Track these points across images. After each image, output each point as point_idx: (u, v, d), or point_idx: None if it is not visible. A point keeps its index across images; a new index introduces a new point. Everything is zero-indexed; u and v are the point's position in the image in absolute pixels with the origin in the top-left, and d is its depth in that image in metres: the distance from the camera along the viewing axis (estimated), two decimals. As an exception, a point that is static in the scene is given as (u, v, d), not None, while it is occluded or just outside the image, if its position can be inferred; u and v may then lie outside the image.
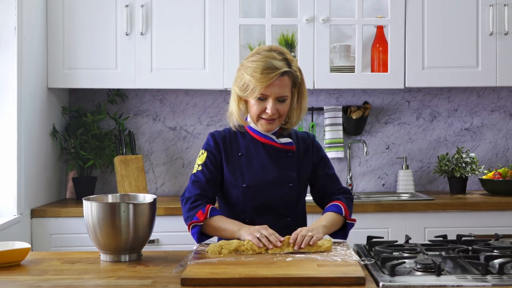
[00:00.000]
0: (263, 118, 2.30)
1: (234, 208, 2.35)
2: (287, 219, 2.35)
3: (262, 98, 2.26)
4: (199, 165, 2.35)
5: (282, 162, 2.36)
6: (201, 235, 2.27)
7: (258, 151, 2.35)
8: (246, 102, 2.33)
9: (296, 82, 2.32)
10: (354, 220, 2.39)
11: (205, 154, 2.35)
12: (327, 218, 2.30)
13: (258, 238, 2.10)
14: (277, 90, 2.25)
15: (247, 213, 2.33)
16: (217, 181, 2.35)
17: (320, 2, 3.68)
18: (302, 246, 2.08)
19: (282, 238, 2.11)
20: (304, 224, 2.43)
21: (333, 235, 2.36)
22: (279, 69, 2.23)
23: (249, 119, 2.38)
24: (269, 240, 2.09)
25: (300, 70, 2.34)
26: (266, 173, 2.33)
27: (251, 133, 2.38)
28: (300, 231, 2.14)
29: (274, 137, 2.36)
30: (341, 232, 2.37)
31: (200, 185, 2.31)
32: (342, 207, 2.34)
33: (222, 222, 2.24)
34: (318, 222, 2.26)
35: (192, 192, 2.31)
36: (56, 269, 1.99)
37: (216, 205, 2.40)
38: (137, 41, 3.66)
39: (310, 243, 2.09)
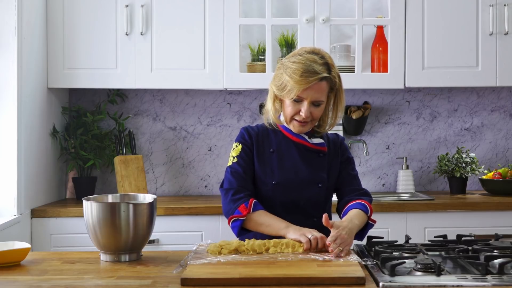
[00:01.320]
0: (296, 120, 2.30)
1: (262, 205, 2.32)
2: (314, 219, 2.34)
3: (298, 100, 2.26)
4: (234, 157, 2.34)
5: (313, 162, 2.35)
6: (241, 229, 2.26)
7: (289, 149, 2.35)
8: (281, 101, 2.33)
9: (334, 87, 2.31)
10: (375, 222, 2.37)
11: (240, 147, 2.35)
12: (358, 217, 2.26)
13: (309, 239, 2.08)
14: (314, 94, 2.24)
15: (275, 210, 2.31)
16: (252, 174, 2.35)
17: (320, 2, 3.68)
18: (332, 256, 2.03)
19: (328, 243, 2.07)
20: None
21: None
22: (319, 74, 2.22)
23: (282, 117, 2.38)
24: (317, 243, 2.08)
25: (339, 76, 2.33)
26: (296, 172, 2.33)
27: (284, 131, 2.37)
28: (339, 235, 2.08)
29: (306, 137, 2.37)
30: (359, 232, 2.31)
31: (240, 176, 2.31)
32: (368, 207, 2.32)
33: (267, 218, 2.23)
34: (352, 221, 2.21)
35: (233, 183, 2.30)
36: (56, 269, 1.99)
37: None
38: (137, 41, 3.66)
39: (342, 255, 2.03)
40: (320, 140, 2.38)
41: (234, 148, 2.37)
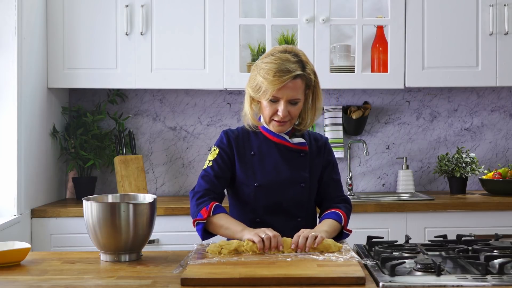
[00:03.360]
0: (274, 120, 2.30)
1: (245, 207, 2.35)
2: (297, 219, 2.35)
3: (274, 100, 2.26)
4: (210, 161, 2.35)
5: (294, 162, 2.35)
6: (205, 232, 2.27)
7: (270, 150, 2.35)
8: (259, 102, 2.33)
9: (310, 84, 2.31)
10: (350, 231, 2.38)
11: (217, 151, 2.36)
12: (329, 224, 2.29)
13: (262, 238, 2.08)
14: (289, 93, 2.24)
15: (258, 212, 2.33)
16: (226, 178, 2.35)
17: (320, 2, 3.68)
18: (306, 250, 2.07)
19: (280, 247, 2.08)
20: (314, 224, 2.42)
21: None
22: (292, 72, 2.22)
23: (262, 119, 2.39)
24: (270, 242, 2.07)
25: (314, 73, 2.32)
26: (278, 173, 2.33)
27: (264, 132, 2.37)
28: (302, 233, 2.13)
29: (287, 137, 2.36)
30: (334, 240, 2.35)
31: (209, 180, 2.32)
32: (342, 217, 2.33)
33: (226, 221, 2.23)
34: (320, 227, 2.26)
35: (202, 187, 2.31)
36: (56, 269, 1.99)
37: (226, 204, 2.40)
38: (137, 41, 3.66)
39: (315, 245, 2.08)
40: (301, 140, 2.38)
41: (211, 152, 2.38)
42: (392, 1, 3.70)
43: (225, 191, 2.41)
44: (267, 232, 2.10)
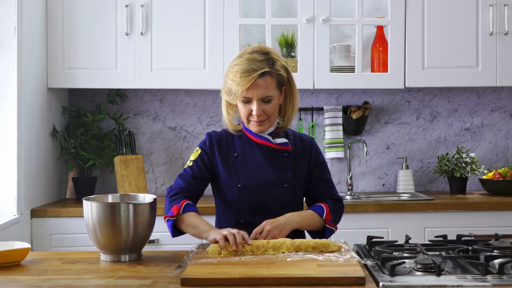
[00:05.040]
0: (252, 121, 2.32)
1: (230, 208, 2.36)
2: None
3: (247, 101, 2.28)
4: (191, 161, 2.39)
5: (278, 162, 2.36)
6: (176, 229, 2.29)
7: (253, 151, 2.36)
8: (236, 105, 2.35)
9: (282, 80, 2.32)
10: (335, 228, 2.37)
11: (199, 152, 2.39)
12: (304, 215, 2.32)
13: (225, 237, 2.08)
14: (260, 91, 2.25)
15: (243, 213, 2.34)
16: (205, 179, 2.38)
17: (320, 2, 3.68)
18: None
19: (249, 241, 2.09)
20: None
21: (310, 236, 2.38)
22: (257, 71, 2.23)
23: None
24: (235, 240, 2.07)
25: (286, 68, 2.34)
26: (261, 174, 2.34)
27: (247, 134, 2.39)
28: (265, 225, 2.21)
29: (270, 138, 2.37)
30: (318, 235, 2.37)
31: (187, 179, 2.35)
32: (325, 210, 2.34)
33: (194, 220, 2.25)
34: (292, 216, 2.28)
35: (178, 185, 2.34)
36: (56, 269, 1.99)
37: (209, 205, 2.41)
38: (137, 41, 3.66)
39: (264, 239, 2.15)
40: (283, 140, 2.38)
41: (194, 152, 2.41)
42: (392, 1, 3.70)
43: (208, 189, 2.43)
44: (231, 230, 2.10)
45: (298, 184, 2.39)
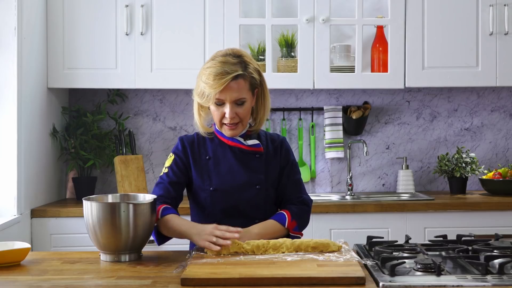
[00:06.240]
0: (224, 124, 2.31)
1: (203, 211, 2.36)
2: (255, 221, 2.33)
3: (219, 103, 2.27)
4: (166, 168, 2.39)
5: (249, 164, 2.36)
6: (160, 236, 2.30)
7: (225, 154, 2.36)
8: (209, 108, 2.34)
9: (255, 83, 2.31)
10: (300, 234, 2.36)
11: (172, 157, 2.39)
12: (263, 226, 2.29)
13: (214, 242, 2.08)
14: (233, 94, 2.25)
15: (216, 216, 2.33)
16: (182, 184, 2.38)
17: (320, 2, 3.68)
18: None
19: (237, 229, 2.10)
20: None
21: None
22: (231, 74, 2.22)
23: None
24: (226, 237, 2.08)
25: (258, 71, 2.33)
26: (233, 176, 2.34)
27: (219, 136, 2.39)
28: (215, 231, 2.13)
29: (241, 140, 2.37)
30: None
31: (164, 186, 2.34)
32: (286, 218, 2.32)
33: (173, 222, 2.24)
34: (251, 229, 2.26)
35: (155, 193, 2.34)
36: (56, 269, 1.99)
37: (185, 206, 2.41)
38: (137, 41, 3.66)
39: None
40: (255, 141, 2.38)
41: (168, 159, 2.41)
42: (392, 1, 3.70)
43: (183, 195, 2.42)
44: (215, 233, 2.09)
45: (271, 186, 2.38)
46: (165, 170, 2.38)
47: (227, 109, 2.26)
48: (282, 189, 2.40)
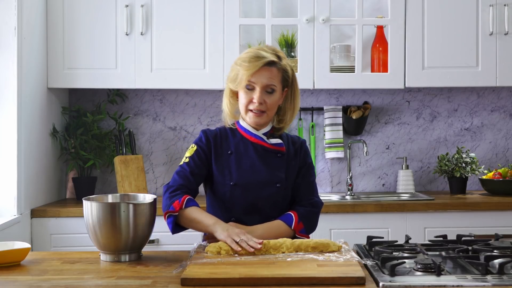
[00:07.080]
0: (250, 110, 2.32)
1: (221, 206, 2.36)
2: (272, 219, 2.34)
3: (250, 88, 2.30)
4: (187, 157, 2.37)
5: (271, 162, 2.36)
6: (176, 226, 2.28)
7: (247, 150, 2.37)
8: (237, 97, 2.36)
9: (287, 78, 2.35)
10: (307, 237, 2.35)
11: (195, 148, 2.38)
12: (268, 226, 2.30)
13: (237, 242, 2.08)
14: (264, 80, 2.28)
15: (234, 211, 2.33)
16: (202, 175, 2.37)
17: (320, 2, 3.68)
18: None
19: (260, 241, 2.09)
20: None
21: None
22: (266, 58, 2.28)
23: (241, 119, 2.40)
24: (249, 244, 2.08)
25: (292, 70, 2.37)
26: (254, 173, 2.34)
27: (242, 132, 2.39)
28: (228, 234, 2.13)
29: (264, 137, 2.38)
30: None
31: (184, 175, 2.33)
32: (293, 219, 2.32)
33: (197, 214, 2.24)
34: (255, 229, 2.27)
35: (176, 182, 2.33)
36: (56, 269, 1.99)
37: (201, 201, 2.40)
38: (137, 41, 3.66)
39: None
40: (278, 140, 2.39)
41: (189, 149, 2.40)
42: (392, 1, 3.70)
43: (200, 189, 2.42)
44: (241, 237, 2.10)
45: (290, 185, 2.39)
46: (185, 159, 2.36)
47: (255, 94, 2.29)
48: (296, 189, 2.41)
